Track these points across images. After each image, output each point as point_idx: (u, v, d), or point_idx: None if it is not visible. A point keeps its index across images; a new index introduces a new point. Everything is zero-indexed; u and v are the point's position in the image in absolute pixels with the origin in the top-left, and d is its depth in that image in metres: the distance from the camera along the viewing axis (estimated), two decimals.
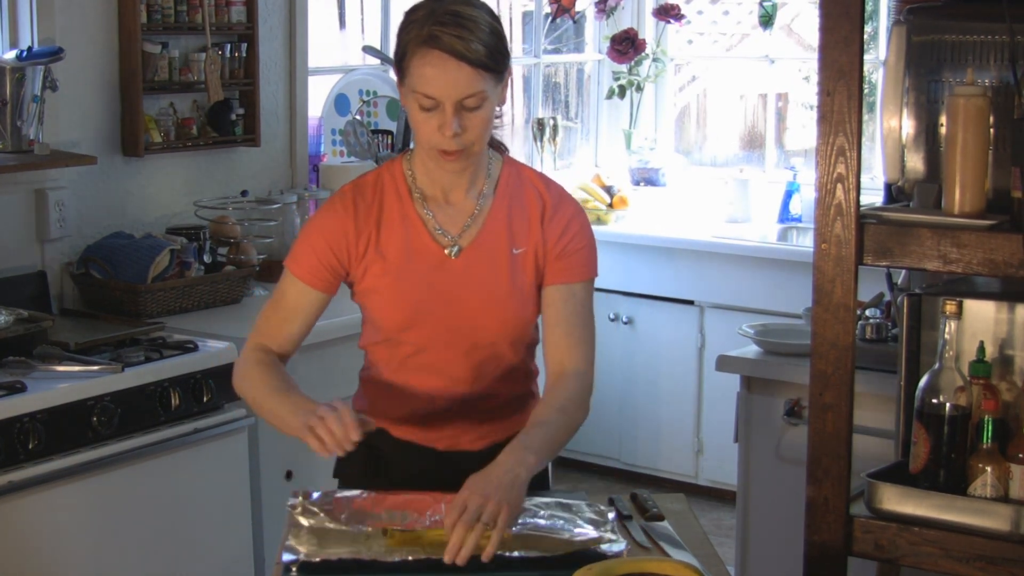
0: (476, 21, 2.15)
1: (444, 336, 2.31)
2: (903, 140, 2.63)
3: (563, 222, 2.33)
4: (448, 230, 2.31)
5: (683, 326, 5.36)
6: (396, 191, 2.32)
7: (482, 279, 2.30)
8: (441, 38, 2.13)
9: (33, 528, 3.00)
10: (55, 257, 3.77)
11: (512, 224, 2.32)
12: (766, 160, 5.87)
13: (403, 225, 2.30)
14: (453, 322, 2.30)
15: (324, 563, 2.01)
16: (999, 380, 2.49)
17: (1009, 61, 2.45)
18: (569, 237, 2.32)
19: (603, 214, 5.61)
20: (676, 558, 2.08)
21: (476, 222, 2.31)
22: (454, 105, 2.15)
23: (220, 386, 3.38)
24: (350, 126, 4.49)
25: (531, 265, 2.32)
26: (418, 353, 2.33)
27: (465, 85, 2.14)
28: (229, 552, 3.47)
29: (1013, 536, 2.36)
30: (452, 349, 2.32)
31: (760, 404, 3.52)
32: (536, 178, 2.38)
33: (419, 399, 2.37)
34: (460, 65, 2.13)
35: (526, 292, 2.32)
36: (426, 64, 2.14)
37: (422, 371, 2.35)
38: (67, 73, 3.70)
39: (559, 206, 2.34)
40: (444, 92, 2.14)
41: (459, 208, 2.32)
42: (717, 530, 5.02)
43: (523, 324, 2.34)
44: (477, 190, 2.33)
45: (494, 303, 2.30)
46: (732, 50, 6.16)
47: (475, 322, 2.30)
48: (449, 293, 2.29)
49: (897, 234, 2.44)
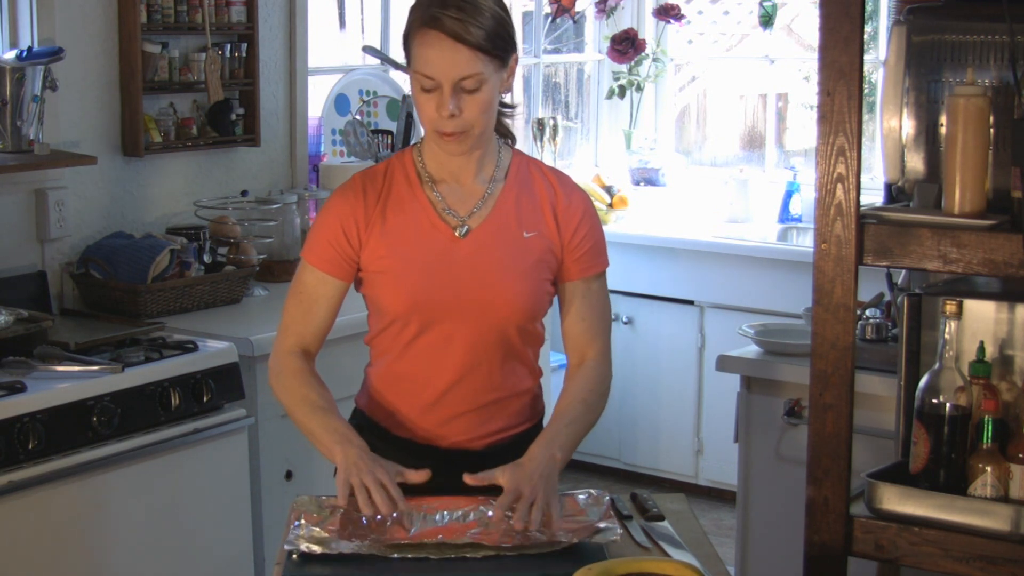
0: (478, 5, 2.21)
1: (450, 315, 2.33)
2: (903, 140, 2.63)
3: (577, 217, 2.39)
4: (457, 211, 2.35)
5: (683, 326, 5.36)
6: (406, 176, 2.38)
7: (490, 260, 2.33)
8: (441, 19, 2.19)
9: (33, 528, 3.00)
10: (55, 257, 3.77)
11: (521, 209, 2.37)
12: (766, 160, 5.87)
13: (412, 207, 2.35)
14: (460, 302, 2.32)
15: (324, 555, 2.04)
16: (999, 380, 2.49)
17: (1009, 61, 2.45)
18: (583, 232, 2.39)
19: (603, 214, 5.61)
20: (676, 558, 2.09)
21: (486, 204, 2.36)
22: (452, 86, 2.21)
23: (220, 386, 3.38)
24: (350, 126, 4.49)
25: (543, 252, 2.36)
26: (423, 333, 2.35)
27: (463, 66, 2.20)
28: (229, 552, 3.46)
29: (1013, 536, 2.36)
30: (458, 330, 2.34)
31: (760, 404, 3.52)
32: (546, 168, 2.46)
33: (422, 389, 2.38)
34: (457, 46, 2.19)
35: (534, 275, 2.35)
36: (425, 44, 2.21)
37: (426, 355, 2.36)
38: (67, 73, 3.70)
39: (571, 199, 2.41)
40: (442, 72, 2.20)
41: (469, 191, 2.37)
42: (717, 530, 5.02)
43: (530, 307, 2.36)
44: (486, 175, 2.38)
45: (501, 284, 2.33)
46: (732, 50, 6.16)
47: (482, 302, 2.32)
48: (457, 272, 2.32)
49: (897, 234, 2.44)
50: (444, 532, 2.09)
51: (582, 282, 2.41)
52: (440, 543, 2.06)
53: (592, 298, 2.42)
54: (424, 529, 2.09)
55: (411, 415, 2.40)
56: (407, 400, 2.40)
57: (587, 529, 2.12)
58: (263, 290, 4.05)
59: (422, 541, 2.07)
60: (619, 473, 5.61)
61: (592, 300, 2.42)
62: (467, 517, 2.12)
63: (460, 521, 2.11)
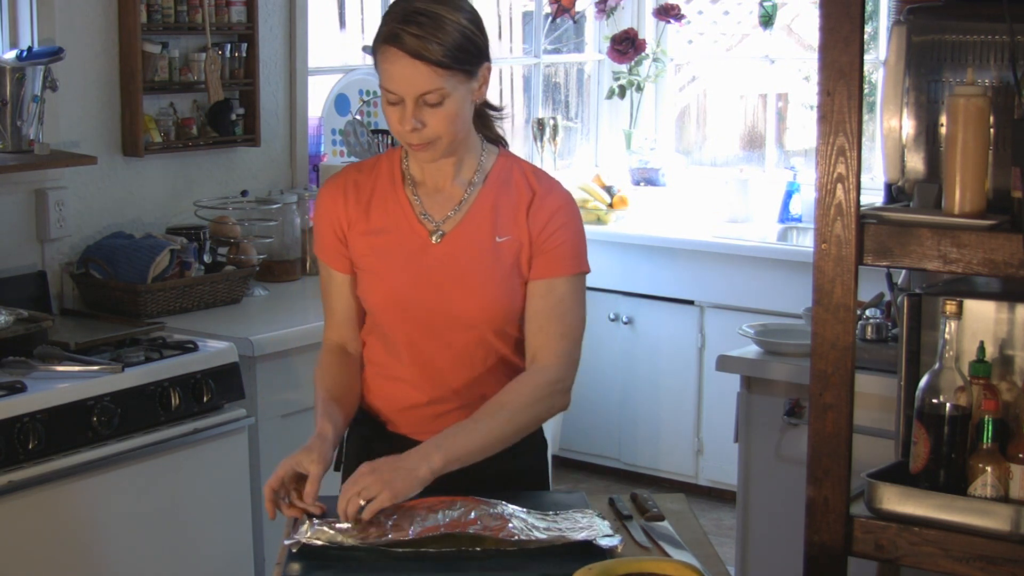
0: (441, 20, 2.20)
1: (426, 320, 2.34)
2: (903, 140, 2.63)
3: (547, 214, 2.35)
4: (433, 215, 2.36)
5: (683, 326, 5.36)
6: (391, 175, 2.40)
7: (463, 265, 2.33)
8: (401, 36, 2.19)
9: (33, 528, 3.00)
10: (55, 257, 3.77)
11: (498, 213, 2.35)
12: (766, 160, 5.87)
13: (393, 208, 2.37)
14: (434, 306, 2.33)
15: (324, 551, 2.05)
16: (999, 380, 2.49)
17: (1009, 61, 2.45)
18: (552, 230, 2.34)
19: (603, 214, 5.61)
20: (676, 558, 2.08)
21: (462, 209, 2.36)
22: (414, 100, 2.22)
23: (220, 386, 3.38)
24: (350, 126, 4.48)
25: (514, 254, 2.34)
26: (404, 333, 2.37)
27: (422, 83, 2.20)
28: (229, 552, 3.47)
29: (1013, 536, 2.36)
30: (437, 331, 2.35)
31: (760, 404, 3.52)
32: (529, 170, 2.41)
33: (408, 388, 2.40)
34: (415, 63, 2.19)
35: (508, 280, 2.34)
36: (387, 61, 2.22)
37: (409, 355, 2.38)
38: (67, 73, 3.70)
39: (546, 197, 2.36)
40: (402, 88, 2.21)
41: (447, 195, 2.37)
42: (717, 530, 5.02)
43: (504, 312, 2.35)
44: (465, 179, 2.37)
45: (473, 289, 2.33)
46: (732, 50, 6.16)
47: (455, 307, 2.33)
48: (430, 277, 2.33)
49: (897, 234, 2.44)
50: (446, 527, 2.09)
51: (544, 282, 2.34)
52: (442, 535, 2.07)
53: (552, 299, 2.34)
54: (425, 527, 2.09)
55: (400, 413, 2.43)
56: (395, 398, 2.43)
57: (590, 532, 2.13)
58: (263, 290, 4.05)
59: (424, 537, 2.07)
60: (619, 473, 5.61)
61: (552, 302, 2.34)
62: (468, 515, 2.12)
63: (462, 519, 2.11)
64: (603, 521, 2.17)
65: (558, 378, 2.33)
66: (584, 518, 2.17)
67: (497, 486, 2.31)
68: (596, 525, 2.14)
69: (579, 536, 2.09)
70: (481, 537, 2.08)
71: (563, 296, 2.34)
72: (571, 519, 2.17)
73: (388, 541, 2.07)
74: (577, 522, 2.16)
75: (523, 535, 2.08)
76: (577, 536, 2.09)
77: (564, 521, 2.16)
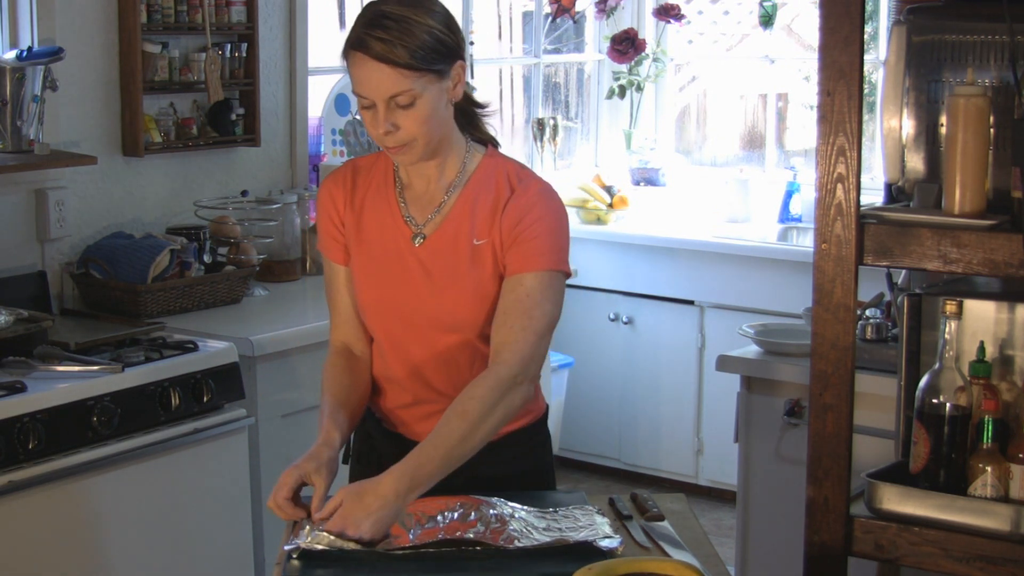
0: (407, 23, 2.19)
1: (409, 322, 2.35)
2: (903, 140, 2.63)
3: (519, 211, 2.30)
4: (415, 218, 2.37)
5: (683, 326, 5.36)
6: (384, 175, 2.41)
7: (441, 268, 2.33)
8: (366, 41, 2.19)
9: (33, 528, 3.00)
10: (55, 257, 3.77)
11: (476, 215, 2.33)
12: (766, 160, 5.87)
13: (383, 208, 2.38)
14: (416, 308, 2.34)
15: (325, 552, 2.04)
16: (999, 380, 2.49)
17: (1009, 61, 2.45)
18: (525, 225, 2.29)
19: (603, 214, 5.61)
20: (676, 558, 2.08)
21: (441, 212, 2.35)
22: (385, 103, 2.21)
23: (220, 386, 3.38)
24: (350, 126, 4.49)
25: (492, 256, 2.32)
26: (392, 333, 2.37)
27: (390, 85, 2.20)
28: (229, 552, 3.46)
29: (1013, 536, 2.36)
30: (418, 337, 2.35)
31: (760, 404, 3.52)
32: (512, 170, 2.37)
33: (400, 387, 2.41)
34: (381, 67, 2.19)
35: (487, 284, 2.32)
36: (355, 65, 2.23)
37: (399, 355, 2.38)
38: (67, 73, 3.70)
39: (522, 195, 2.32)
40: (371, 92, 2.21)
41: (429, 197, 2.37)
42: (717, 530, 5.02)
43: (485, 316, 2.32)
44: (447, 181, 2.36)
45: (451, 292, 2.32)
46: (732, 50, 6.16)
47: (435, 310, 2.33)
48: (412, 279, 2.34)
49: (897, 234, 2.44)
50: (446, 531, 2.09)
51: (513, 277, 2.28)
52: (441, 540, 2.07)
53: (519, 293, 2.27)
54: (425, 530, 2.09)
55: (396, 412, 2.44)
56: (390, 398, 2.44)
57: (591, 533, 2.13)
58: (263, 290, 4.05)
59: (425, 542, 2.07)
60: (619, 473, 5.61)
61: (519, 296, 2.27)
62: (468, 516, 2.12)
63: (461, 521, 2.11)
64: (603, 519, 2.17)
65: (516, 373, 2.24)
66: (584, 516, 2.17)
67: (499, 487, 2.30)
68: (596, 523, 2.14)
69: (579, 536, 2.09)
70: (481, 542, 2.07)
71: (530, 291, 2.27)
72: (571, 517, 2.17)
73: (388, 546, 2.07)
74: (577, 520, 2.16)
75: (523, 539, 2.08)
76: (577, 536, 2.09)
77: (564, 520, 2.16)
